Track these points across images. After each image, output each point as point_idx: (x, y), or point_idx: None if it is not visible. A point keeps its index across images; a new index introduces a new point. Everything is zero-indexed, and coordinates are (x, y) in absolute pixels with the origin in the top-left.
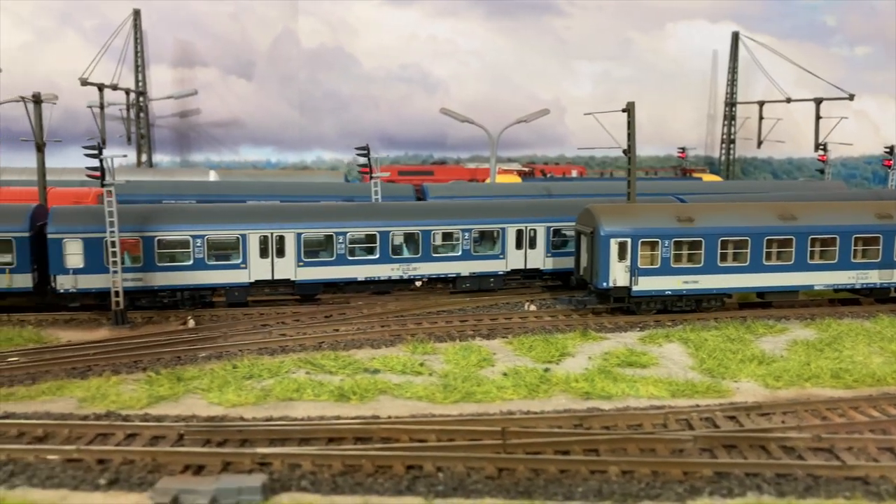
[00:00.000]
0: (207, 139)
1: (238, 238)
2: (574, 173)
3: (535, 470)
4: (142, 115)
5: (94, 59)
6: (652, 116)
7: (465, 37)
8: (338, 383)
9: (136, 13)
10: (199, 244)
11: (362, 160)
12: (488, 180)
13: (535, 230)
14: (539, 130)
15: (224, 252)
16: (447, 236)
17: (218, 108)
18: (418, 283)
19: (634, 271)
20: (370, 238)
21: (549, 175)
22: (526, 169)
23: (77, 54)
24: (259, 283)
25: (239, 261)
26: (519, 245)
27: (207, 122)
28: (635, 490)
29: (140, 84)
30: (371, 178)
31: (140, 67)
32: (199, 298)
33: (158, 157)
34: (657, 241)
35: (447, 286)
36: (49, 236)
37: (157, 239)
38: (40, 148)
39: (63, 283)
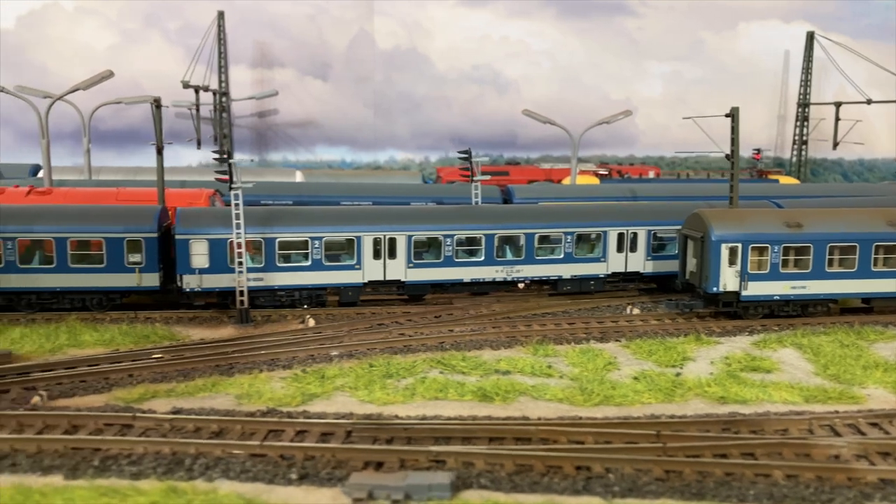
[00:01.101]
0: (284, 139)
1: (353, 240)
2: (651, 174)
3: (701, 472)
4: (224, 115)
5: (192, 62)
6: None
7: (536, 37)
8: (475, 384)
9: (220, 15)
10: (317, 245)
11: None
12: (566, 181)
13: (636, 233)
14: (609, 130)
15: (339, 253)
16: (550, 239)
17: (295, 108)
18: (521, 286)
19: (744, 276)
20: (476, 241)
21: (626, 175)
22: (603, 170)
23: (159, 55)
24: (371, 284)
25: (353, 262)
26: (620, 248)
27: (284, 122)
28: (806, 494)
29: (222, 85)
30: (472, 180)
31: (223, 68)
32: (316, 298)
33: (237, 157)
34: (767, 247)
35: (541, 288)
36: (177, 237)
37: (277, 240)
38: (160, 151)
39: (189, 282)
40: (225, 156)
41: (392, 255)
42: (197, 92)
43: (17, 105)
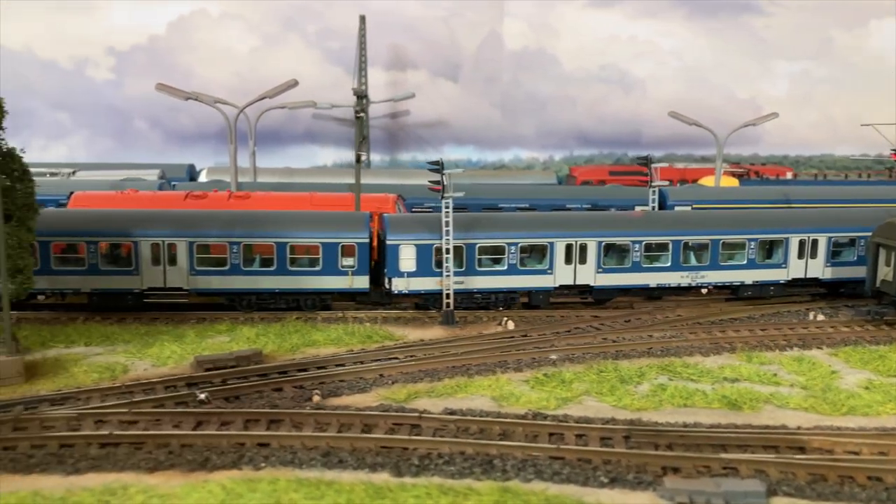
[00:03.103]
0: (414, 139)
1: (547, 245)
2: (789, 175)
3: None
4: (361, 116)
5: (354, 71)
6: (849, 115)
7: (664, 37)
8: (714, 391)
9: (362, 20)
10: (513, 251)
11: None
12: (703, 181)
13: (816, 240)
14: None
15: (533, 258)
16: (734, 245)
17: (426, 109)
18: (704, 291)
19: None
20: (662, 247)
21: (763, 176)
22: (741, 170)
23: (298, 57)
24: (561, 288)
25: (546, 266)
26: (801, 254)
27: (415, 122)
28: None
29: (363, 87)
30: (650, 185)
31: (363, 71)
32: (510, 301)
33: (370, 156)
34: None
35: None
36: (387, 242)
37: (478, 246)
38: (359, 159)
39: (397, 284)
40: (438, 166)
41: (583, 260)
42: (360, 98)
43: (164, 106)
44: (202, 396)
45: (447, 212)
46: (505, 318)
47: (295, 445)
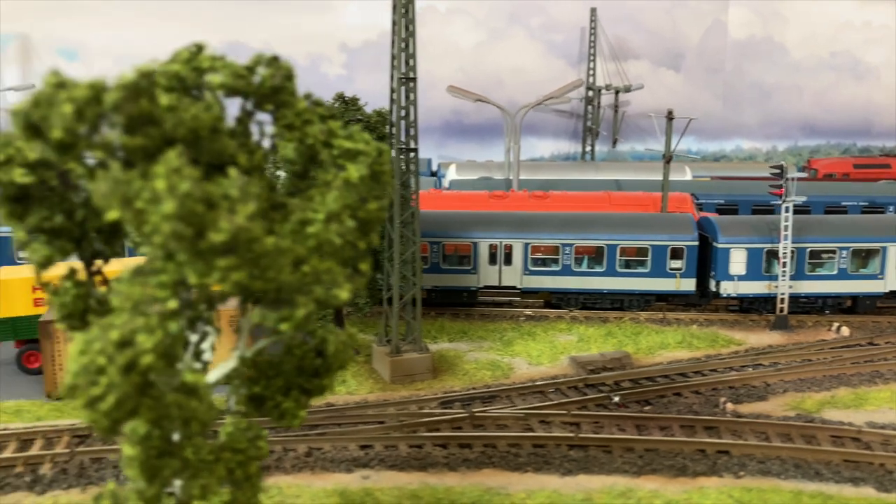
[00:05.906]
0: (633, 129)
1: (879, 249)
2: None
3: None
4: (590, 108)
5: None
6: None
7: None
8: None
9: (593, 12)
10: (844, 255)
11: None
12: None
13: None
14: None
15: (858, 262)
16: None
17: (646, 99)
18: None
19: None
20: None
21: None
22: None
23: (521, 51)
24: (891, 294)
25: (876, 271)
26: None
27: (636, 112)
28: None
29: (591, 79)
30: None
31: (592, 63)
32: (836, 305)
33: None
34: None
35: None
36: (718, 246)
37: (808, 250)
38: (669, 160)
39: (726, 288)
40: (779, 170)
41: None
42: (617, 93)
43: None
44: (616, 399)
45: (787, 216)
46: (837, 324)
47: (756, 454)
